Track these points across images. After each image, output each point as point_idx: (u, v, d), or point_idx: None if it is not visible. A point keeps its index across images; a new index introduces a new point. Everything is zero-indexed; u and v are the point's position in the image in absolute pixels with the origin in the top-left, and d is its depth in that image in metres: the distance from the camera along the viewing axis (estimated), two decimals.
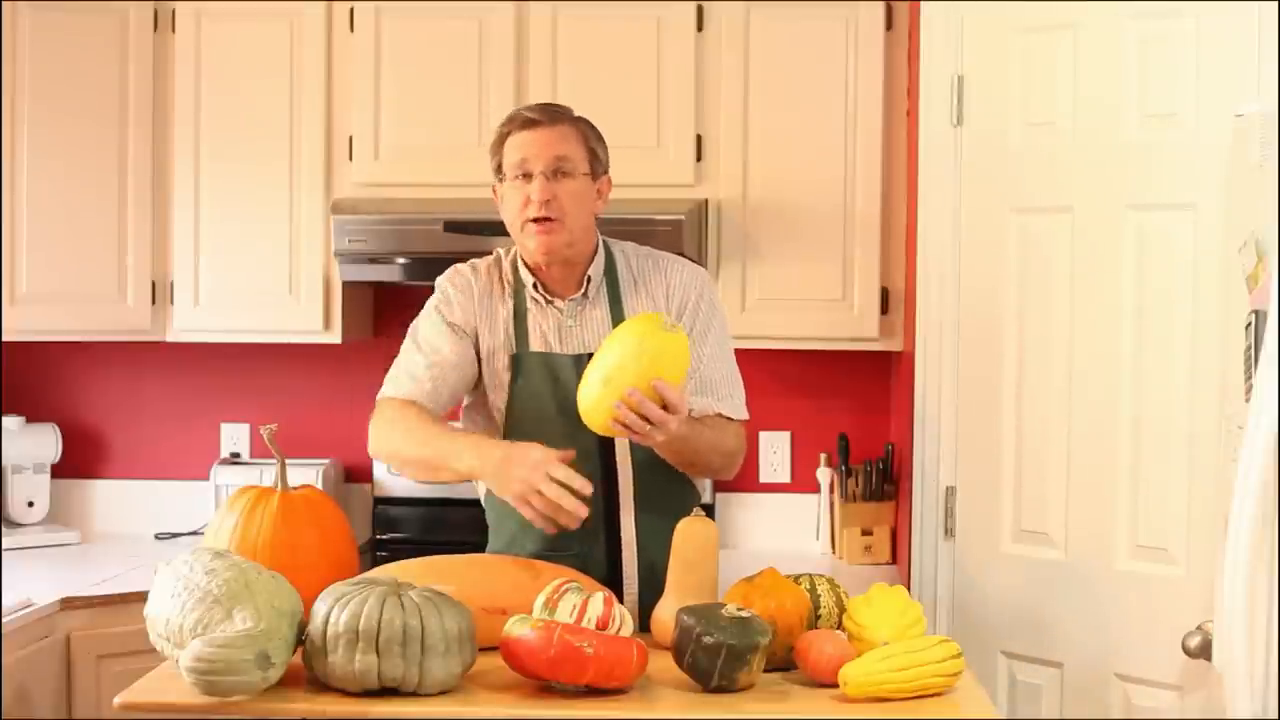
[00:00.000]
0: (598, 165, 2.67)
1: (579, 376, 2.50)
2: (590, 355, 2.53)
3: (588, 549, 2.65)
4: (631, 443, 2.59)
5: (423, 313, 2.74)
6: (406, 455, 2.61)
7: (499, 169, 2.67)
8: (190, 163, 3.76)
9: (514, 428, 2.66)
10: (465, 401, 2.77)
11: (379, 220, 3.62)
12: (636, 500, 2.66)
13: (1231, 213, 2.58)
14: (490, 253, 2.80)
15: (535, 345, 2.68)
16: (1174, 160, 2.88)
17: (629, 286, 2.71)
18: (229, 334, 3.82)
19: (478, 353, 2.69)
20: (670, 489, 2.68)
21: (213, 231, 3.77)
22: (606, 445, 2.63)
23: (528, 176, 2.60)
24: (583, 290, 2.68)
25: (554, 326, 2.68)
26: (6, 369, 4.07)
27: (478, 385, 2.73)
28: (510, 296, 2.71)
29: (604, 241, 2.74)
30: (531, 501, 2.37)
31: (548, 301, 2.68)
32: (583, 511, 2.37)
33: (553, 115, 2.66)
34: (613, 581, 2.63)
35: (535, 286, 2.68)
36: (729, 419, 2.68)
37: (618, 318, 2.67)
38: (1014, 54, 3.18)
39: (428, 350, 2.67)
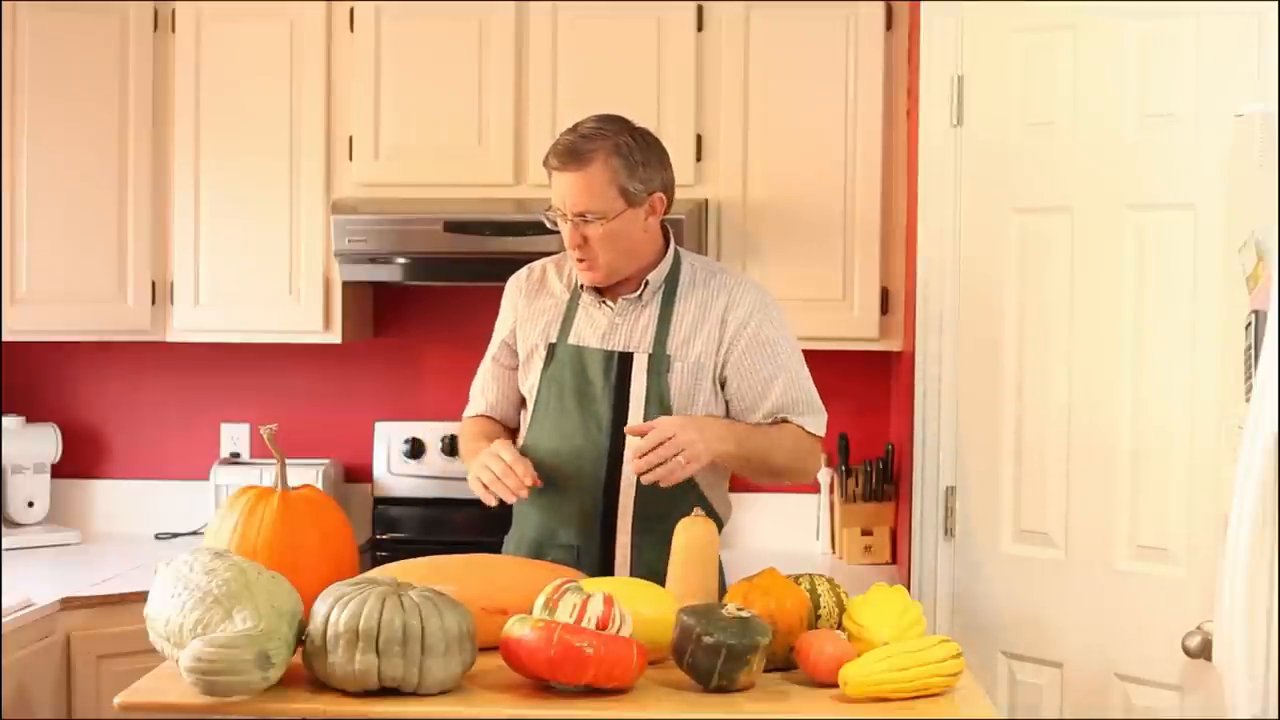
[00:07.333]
0: (632, 197, 2.65)
1: (606, 373, 2.68)
2: (629, 354, 2.69)
3: (583, 543, 2.70)
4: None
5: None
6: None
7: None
8: (190, 163, 3.76)
9: (536, 412, 2.76)
10: None
11: (379, 220, 3.62)
12: (637, 499, 2.68)
13: (1231, 213, 2.59)
14: (496, 252, 2.87)
15: (572, 339, 2.74)
16: (1174, 160, 2.88)
17: (685, 298, 2.74)
18: (229, 334, 3.82)
19: (519, 350, 2.82)
20: (676, 495, 2.69)
21: (213, 231, 3.77)
22: (615, 443, 2.68)
23: (564, 217, 2.66)
24: (639, 293, 2.72)
25: (605, 322, 2.73)
26: (6, 369, 4.07)
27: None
28: (568, 290, 2.79)
29: (676, 251, 2.78)
30: (479, 475, 2.58)
31: (600, 303, 2.74)
32: (516, 491, 2.56)
33: (579, 157, 2.61)
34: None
35: (583, 287, 2.76)
36: (808, 433, 2.76)
37: (664, 319, 2.72)
38: (1014, 54, 3.18)
39: (489, 364, 2.88)
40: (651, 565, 2.60)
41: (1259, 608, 2.12)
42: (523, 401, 2.85)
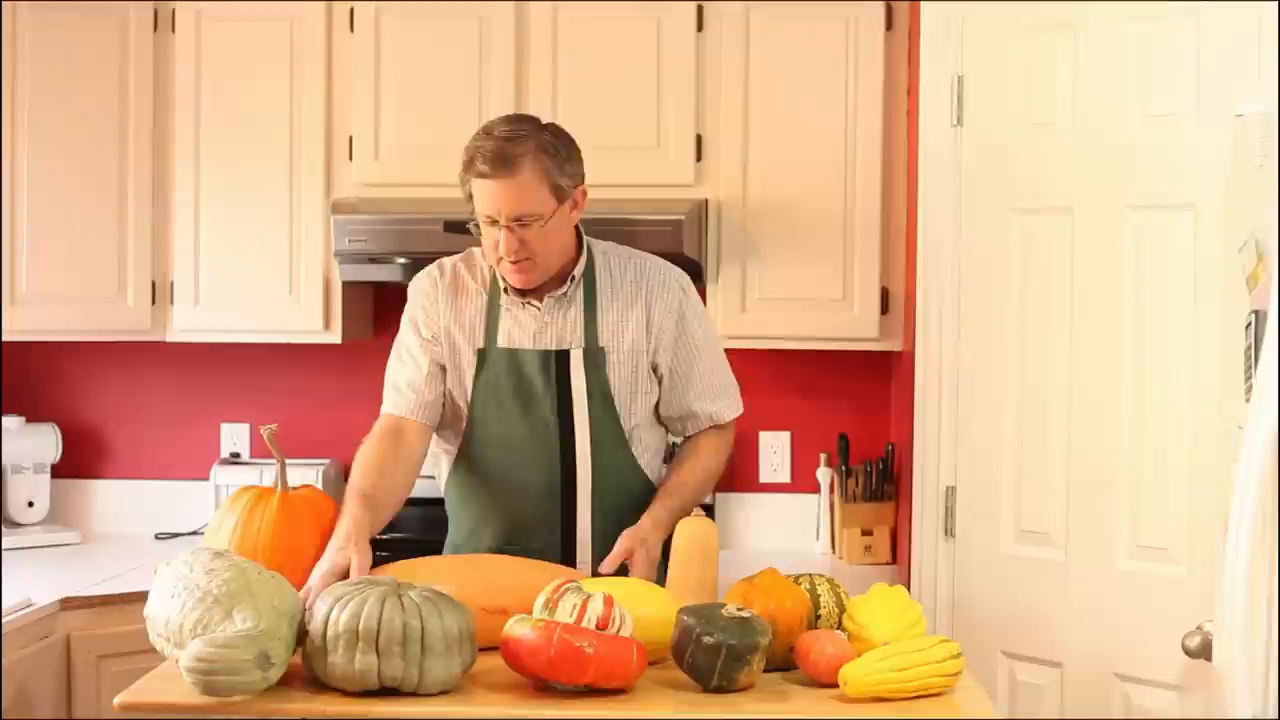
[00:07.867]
0: (563, 193, 2.63)
1: (545, 372, 2.66)
2: (565, 351, 2.67)
3: (544, 543, 2.70)
4: (591, 442, 2.69)
5: (402, 320, 2.81)
6: None
7: (470, 197, 2.66)
8: (190, 163, 3.76)
9: (476, 421, 2.72)
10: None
11: (379, 220, 3.62)
12: (594, 498, 2.69)
13: (1231, 213, 2.58)
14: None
15: (502, 342, 2.71)
16: (1174, 160, 2.88)
17: (605, 288, 2.74)
18: (229, 334, 3.82)
19: (445, 352, 2.75)
20: (629, 489, 2.71)
21: (213, 231, 3.77)
22: (567, 442, 2.69)
23: (495, 223, 2.61)
24: (564, 290, 2.71)
25: (533, 323, 2.71)
26: (6, 369, 4.07)
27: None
28: (484, 292, 2.74)
29: (587, 242, 2.76)
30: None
31: (525, 303, 2.71)
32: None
33: (509, 162, 2.56)
34: None
35: (507, 290, 2.72)
36: (719, 426, 2.83)
37: (590, 318, 2.71)
38: (1014, 54, 3.18)
39: (407, 360, 2.77)
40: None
41: (1259, 608, 2.12)
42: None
